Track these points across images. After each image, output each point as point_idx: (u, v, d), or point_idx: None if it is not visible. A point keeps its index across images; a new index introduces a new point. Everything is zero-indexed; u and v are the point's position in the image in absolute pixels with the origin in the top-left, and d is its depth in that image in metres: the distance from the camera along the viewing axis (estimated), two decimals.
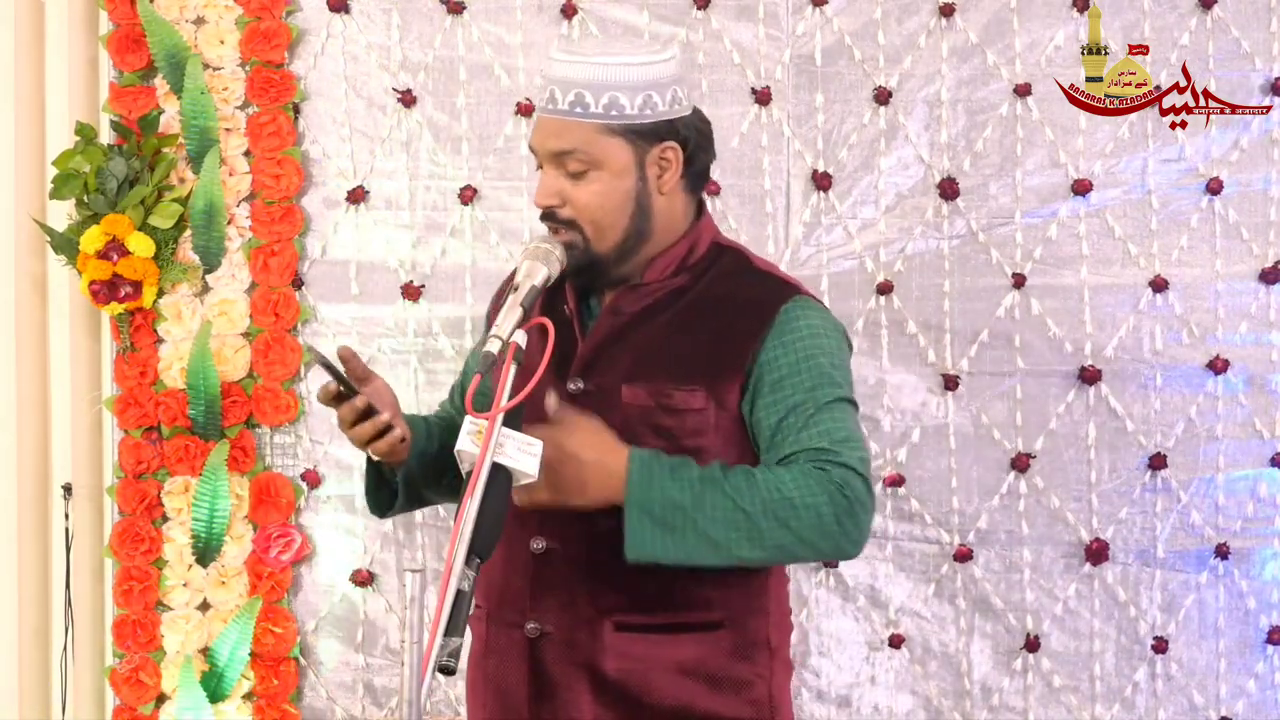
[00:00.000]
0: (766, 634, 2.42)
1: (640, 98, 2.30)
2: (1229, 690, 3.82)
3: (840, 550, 2.26)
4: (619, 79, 2.30)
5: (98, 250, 3.71)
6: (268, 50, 3.80)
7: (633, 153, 2.32)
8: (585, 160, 2.31)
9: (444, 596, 1.86)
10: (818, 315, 2.36)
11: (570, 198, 2.32)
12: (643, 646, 2.35)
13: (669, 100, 2.33)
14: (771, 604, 2.44)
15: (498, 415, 1.94)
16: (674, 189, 2.37)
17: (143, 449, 3.78)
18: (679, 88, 2.35)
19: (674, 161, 2.35)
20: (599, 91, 2.29)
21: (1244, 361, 3.82)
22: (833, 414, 2.28)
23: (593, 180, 2.32)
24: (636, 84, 2.30)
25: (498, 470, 1.95)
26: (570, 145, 2.31)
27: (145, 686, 3.78)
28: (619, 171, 2.32)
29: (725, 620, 2.38)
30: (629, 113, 2.30)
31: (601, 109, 2.30)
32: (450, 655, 1.85)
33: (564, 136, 2.31)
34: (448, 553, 1.88)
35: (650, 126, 2.32)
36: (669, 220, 2.38)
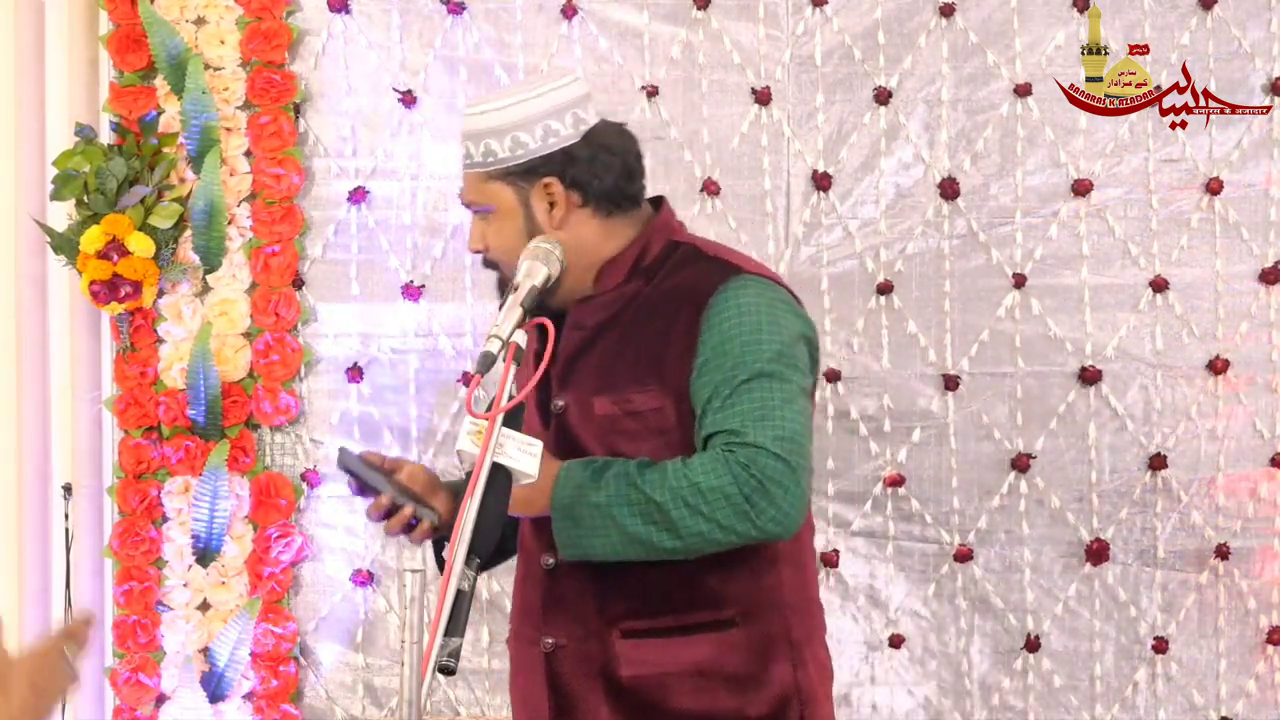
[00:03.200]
0: (787, 629, 2.40)
1: (508, 140, 2.37)
2: (1229, 690, 3.82)
3: (764, 530, 2.23)
4: (487, 125, 2.38)
5: (98, 250, 3.71)
6: (268, 50, 3.80)
7: (515, 194, 2.39)
8: (482, 205, 2.41)
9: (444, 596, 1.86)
10: (752, 292, 2.33)
11: (488, 241, 2.42)
12: (654, 651, 2.35)
13: (540, 135, 2.37)
14: (789, 598, 2.41)
15: (498, 415, 1.94)
16: (570, 220, 2.38)
17: (143, 449, 3.78)
18: (555, 119, 2.38)
19: (558, 194, 2.37)
20: (477, 140, 2.39)
21: (1244, 361, 3.82)
22: (750, 392, 2.25)
23: (493, 223, 2.41)
24: (503, 127, 2.37)
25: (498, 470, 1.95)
26: (468, 195, 2.44)
27: (145, 686, 3.78)
28: (508, 213, 2.39)
29: (737, 617, 2.37)
30: (501, 156, 2.37)
31: (480, 158, 2.40)
32: (450, 655, 1.85)
33: (465, 189, 2.45)
34: (448, 553, 1.88)
35: (523, 166, 2.37)
36: (577, 247, 2.39)
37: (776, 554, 2.38)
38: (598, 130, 2.41)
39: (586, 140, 2.38)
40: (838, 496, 3.81)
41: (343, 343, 3.85)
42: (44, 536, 3.86)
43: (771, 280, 2.39)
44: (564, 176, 2.37)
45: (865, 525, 3.81)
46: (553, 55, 3.83)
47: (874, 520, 3.81)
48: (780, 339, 2.29)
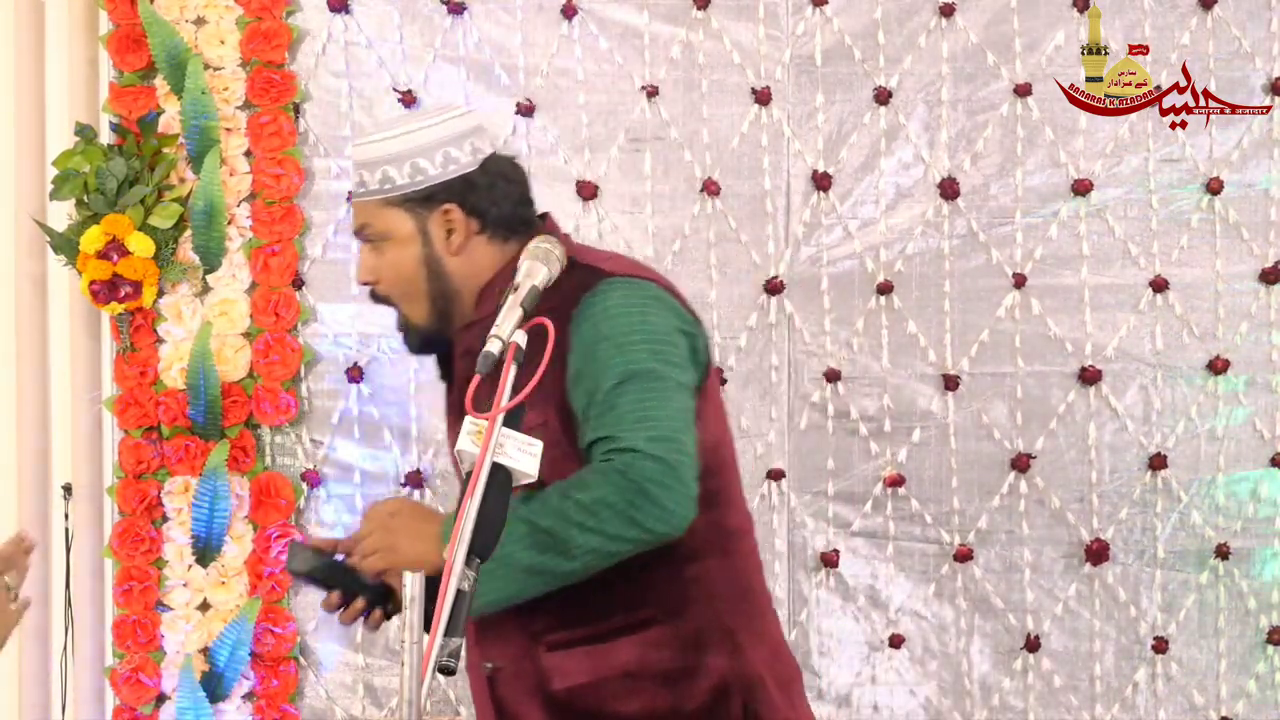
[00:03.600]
0: (718, 620, 2.38)
1: (408, 167, 2.38)
2: (1229, 690, 3.82)
3: (654, 532, 2.20)
4: (388, 152, 2.39)
5: (98, 250, 3.71)
6: (268, 50, 3.80)
7: (413, 221, 2.40)
8: (376, 233, 2.41)
9: (444, 596, 1.86)
10: (619, 294, 2.32)
11: (379, 273, 2.43)
12: (581, 660, 2.35)
13: (440, 162, 2.38)
14: (719, 589, 2.39)
15: (498, 415, 1.94)
16: (468, 246, 2.41)
17: (143, 449, 3.78)
18: (454, 147, 2.40)
19: (457, 220, 2.39)
20: (374, 168, 2.39)
21: (1244, 361, 3.82)
22: (623, 395, 2.24)
23: (387, 252, 2.42)
24: (402, 154, 2.38)
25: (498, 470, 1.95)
26: (361, 221, 2.42)
27: (145, 686, 3.78)
28: (404, 241, 2.40)
29: (657, 615, 2.36)
30: (400, 183, 2.38)
31: (377, 184, 2.39)
32: (450, 655, 1.85)
33: (358, 214, 2.44)
34: (448, 553, 1.88)
35: (423, 192, 2.38)
36: (473, 273, 2.42)
37: (696, 547, 2.35)
38: (493, 159, 2.44)
39: (484, 168, 2.41)
40: (838, 496, 3.81)
41: (343, 343, 3.85)
42: (44, 536, 3.86)
43: (644, 279, 2.38)
44: (464, 203, 2.39)
45: (865, 525, 3.81)
46: (553, 55, 3.83)
47: (874, 520, 3.81)
48: (650, 337, 2.28)
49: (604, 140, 3.84)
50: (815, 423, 3.81)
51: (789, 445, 3.81)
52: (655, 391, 2.25)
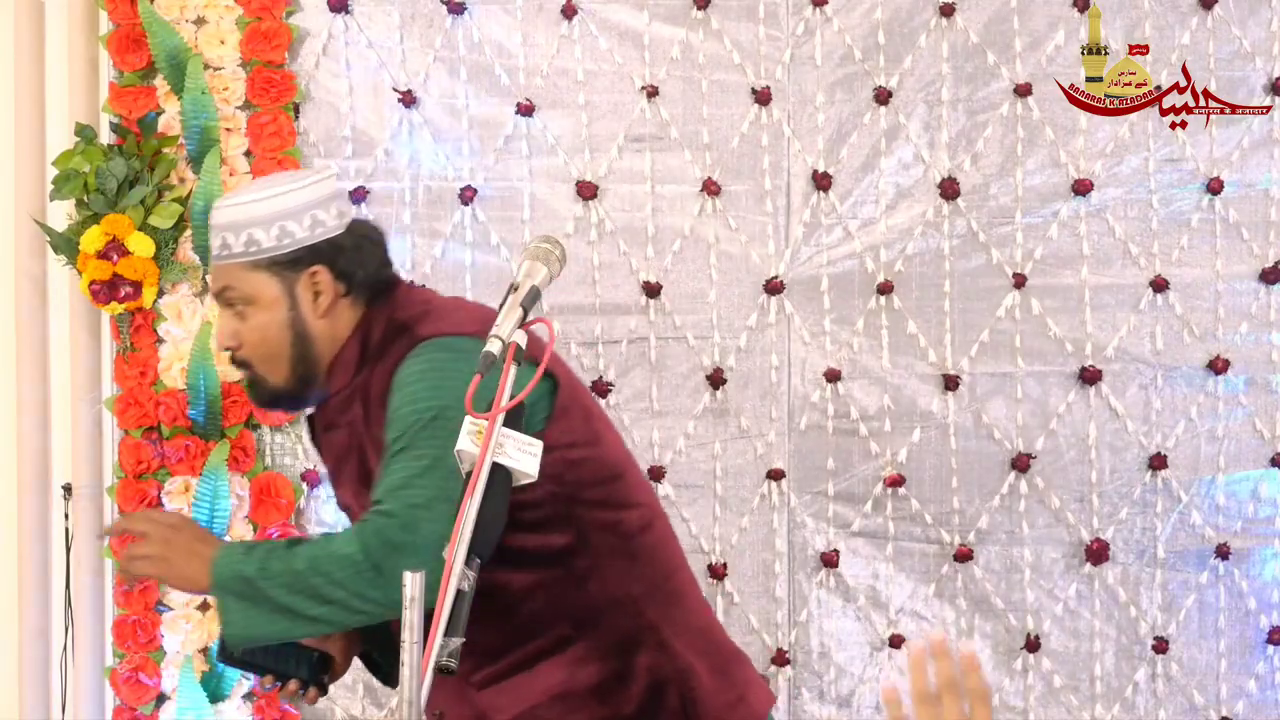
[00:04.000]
0: (637, 620, 2.38)
1: (275, 229, 2.38)
2: (1229, 690, 3.82)
3: (395, 598, 2.10)
4: (252, 215, 2.38)
5: (98, 250, 3.71)
6: (268, 50, 3.79)
7: (279, 283, 2.40)
8: (239, 297, 2.41)
9: (444, 596, 1.86)
10: (423, 359, 2.32)
11: (241, 336, 2.42)
12: (511, 693, 2.36)
13: (308, 225, 2.39)
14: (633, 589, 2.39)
15: (498, 415, 1.94)
16: (334, 309, 2.42)
17: (143, 449, 3.78)
18: (321, 210, 2.41)
19: (325, 283, 2.40)
20: (238, 231, 2.38)
21: (1244, 361, 3.82)
22: (396, 462, 2.26)
23: (251, 316, 2.41)
24: (269, 217, 2.38)
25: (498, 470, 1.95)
26: (223, 283, 2.41)
27: (145, 686, 3.78)
28: (270, 304, 2.40)
29: (574, 632, 2.37)
30: (266, 246, 2.38)
31: (242, 248, 2.39)
32: (450, 655, 1.85)
33: (219, 278, 2.43)
34: (448, 553, 1.88)
35: (290, 255, 2.38)
36: (335, 336, 2.43)
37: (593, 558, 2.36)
38: (357, 223, 2.47)
39: (350, 231, 2.44)
40: (838, 496, 3.81)
41: None
42: (44, 536, 3.86)
43: (459, 335, 2.34)
44: (332, 266, 2.40)
45: (865, 525, 3.81)
46: (553, 55, 3.83)
47: (874, 520, 3.81)
48: (437, 402, 2.27)
49: (604, 140, 3.84)
50: (815, 423, 3.81)
51: (789, 445, 3.81)
52: (423, 460, 2.24)
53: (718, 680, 2.41)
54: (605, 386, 3.79)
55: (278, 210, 2.38)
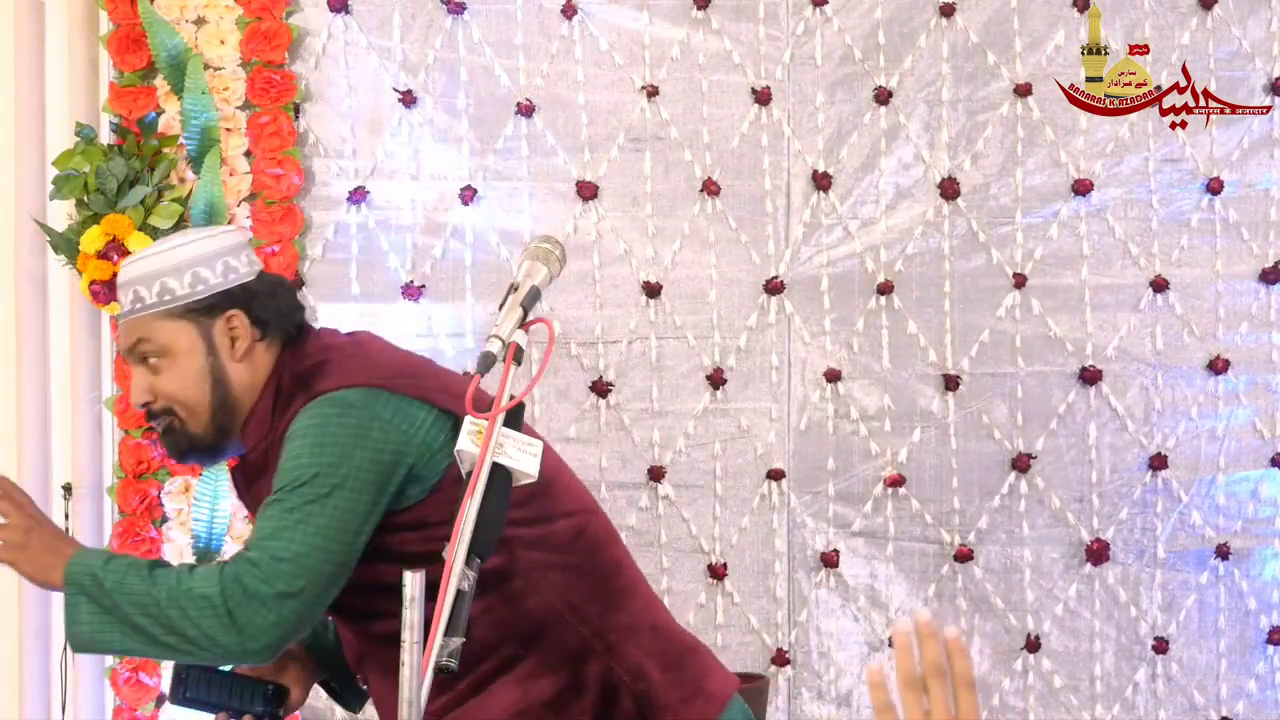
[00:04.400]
0: (582, 627, 2.37)
1: (188, 276, 2.38)
2: (1229, 690, 3.82)
3: (244, 646, 2.23)
4: (163, 265, 2.39)
5: (98, 250, 3.71)
6: (268, 50, 3.80)
7: (196, 330, 2.40)
8: (154, 349, 2.39)
9: (444, 596, 1.86)
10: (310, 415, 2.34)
11: (157, 390, 2.41)
12: (472, 716, 2.35)
13: (220, 271, 2.41)
14: (572, 598, 2.38)
15: (498, 415, 1.94)
16: (250, 352, 2.42)
17: (143, 449, 3.78)
18: (232, 257, 2.43)
19: (241, 327, 2.41)
20: (149, 283, 2.38)
21: (1244, 361, 3.83)
22: (267, 512, 2.28)
23: (166, 367, 2.40)
24: (181, 265, 2.38)
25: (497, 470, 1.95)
26: (136, 337, 2.39)
27: (145, 686, 3.77)
28: (187, 352, 2.40)
29: (519, 649, 2.37)
30: (180, 294, 2.38)
31: (155, 298, 2.38)
32: (450, 655, 1.85)
33: (131, 332, 2.41)
34: (448, 553, 1.88)
35: (205, 302, 2.39)
36: (252, 381, 2.43)
37: (525, 577, 2.35)
38: (266, 272, 2.50)
39: (260, 277, 2.46)
40: (838, 496, 3.81)
41: None
42: None
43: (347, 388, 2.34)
44: (248, 310, 2.41)
45: (865, 525, 3.81)
46: (553, 55, 3.83)
47: (874, 520, 3.81)
48: (320, 460, 2.28)
49: (604, 140, 3.84)
50: (815, 423, 3.81)
51: (789, 445, 3.81)
52: (296, 514, 2.26)
53: (670, 676, 2.40)
54: (605, 386, 3.79)
55: (190, 258, 2.39)
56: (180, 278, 2.39)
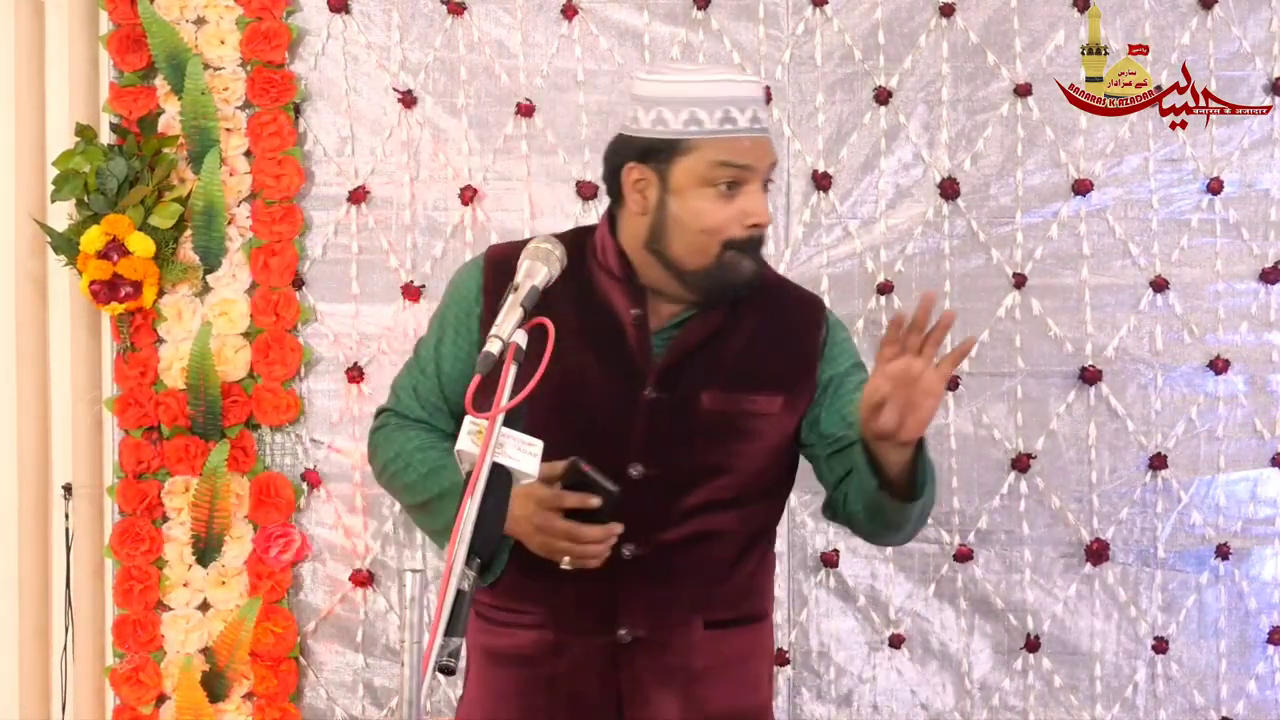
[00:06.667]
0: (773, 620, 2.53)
1: (759, 109, 2.36)
2: (1229, 690, 3.82)
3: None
4: (760, 93, 2.38)
5: (98, 250, 3.71)
6: (268, 50, 3.80)
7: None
8: (768, 172, 2.37)
9: (444, 596, 1.86)
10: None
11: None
12: (725, 642, 2.40)
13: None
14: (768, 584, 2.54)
15: (498, 415, 1.94)
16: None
17: (143, 449, 3.78)
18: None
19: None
20: (744, 106, 2.34)
21: (1244, 361, 3.83)
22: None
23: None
24: (759, 98, 2.37)
25: (498, 470, 1.95)
26: (771, 159, 2.37)
27: (145, 686, 3.78)
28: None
29: (765, 608, 2.49)
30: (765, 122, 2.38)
31: (766, 121, 2.37)
32: (450, 655, 1.85)
33: (769, 153, 2.36)
34: (448, 553, 1.88)
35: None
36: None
37: (769, 541, 2.51)
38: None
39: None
40: None
41: (343, 343, 3.85)
42: (44, 536, 3.86)
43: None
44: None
45: None
46: (553, 55, 3.83)
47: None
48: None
49: (604, 140, 3.81)
50: None
51: None
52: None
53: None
54: None
55: (759, 93, 2.39)
56: (762, 108, 2.37)
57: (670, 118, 2.30)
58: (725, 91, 2.31)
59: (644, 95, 2.35)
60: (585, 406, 2.33)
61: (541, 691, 2.39)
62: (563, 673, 2.38)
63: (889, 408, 2.14)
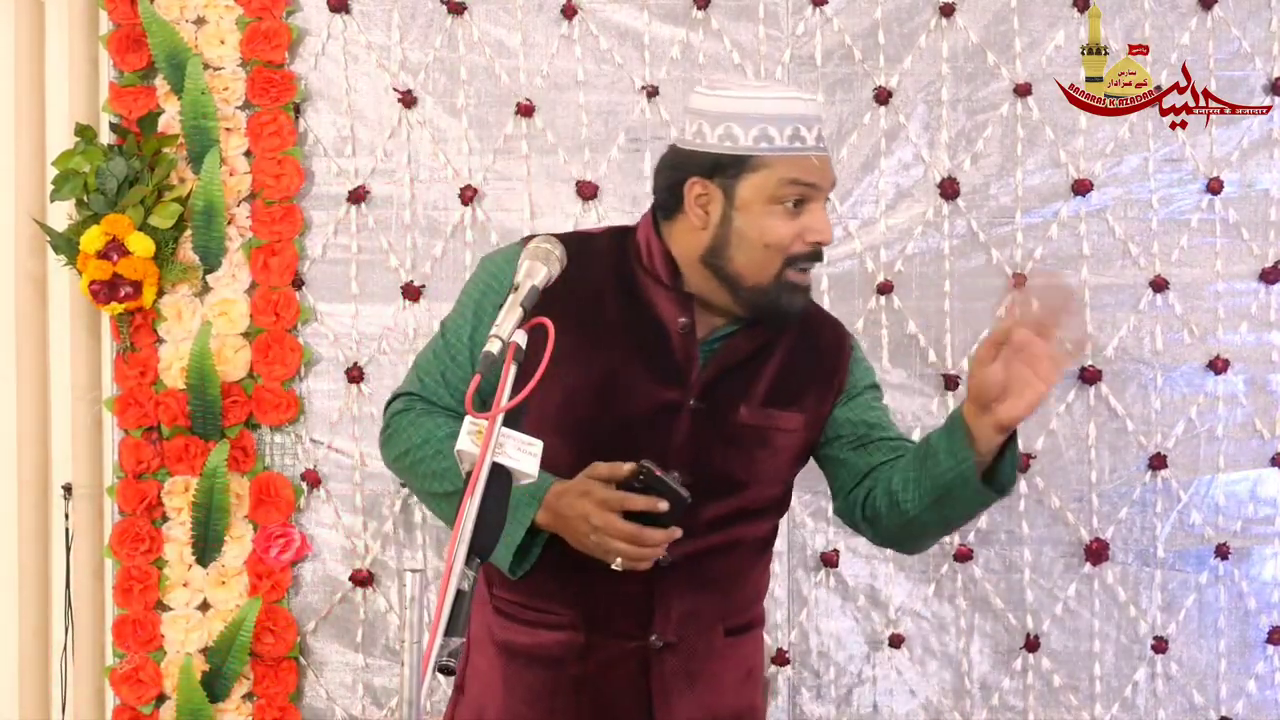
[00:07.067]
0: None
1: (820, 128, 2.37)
2: (1229, 690, 3.82)
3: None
4: (823, 112, 2.38)
5: (98, 250, 3.71)
6: (268, 50, 3.80)
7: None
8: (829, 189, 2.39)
9: (444, 596, 1.86)
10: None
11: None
12: (737, 647, 2.45)
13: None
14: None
15: (498, 415, 1.94)
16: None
17: (143, 449, 3.78)
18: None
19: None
20: (812, 124, 2.34)
21: (1244, 361, 3.82)
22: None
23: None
24: (817, 116, 2.37)
25: (498, 470, 1.95)
26: (832, 177, 2.38)
27: (145, 686, 3.78)
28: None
29: (762, 614, 2.54)
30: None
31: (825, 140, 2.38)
32: (450, 655, 1.85)
33: (831, 171, 2.37)
34: (448, 553, 1.88)
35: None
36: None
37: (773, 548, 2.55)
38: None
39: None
40: None
41: (343, 343, 3.85)
42: (44, 536, 3.86)
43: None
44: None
45: None
46: (553, 55, 3.83)
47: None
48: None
49: (604, 140, 3.84)
50: None
51: None
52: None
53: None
54: None
55: (816, 110, 2.38)
56: (816, 126, 2.36)
57: (740, 133, 2.30)
58: (794, 109, 2.31)
59: (708, 109, 2.34)
60: (626, 409, 2.33)
61: (569, 693, 2.39)
62: (591, 675, 2.38)
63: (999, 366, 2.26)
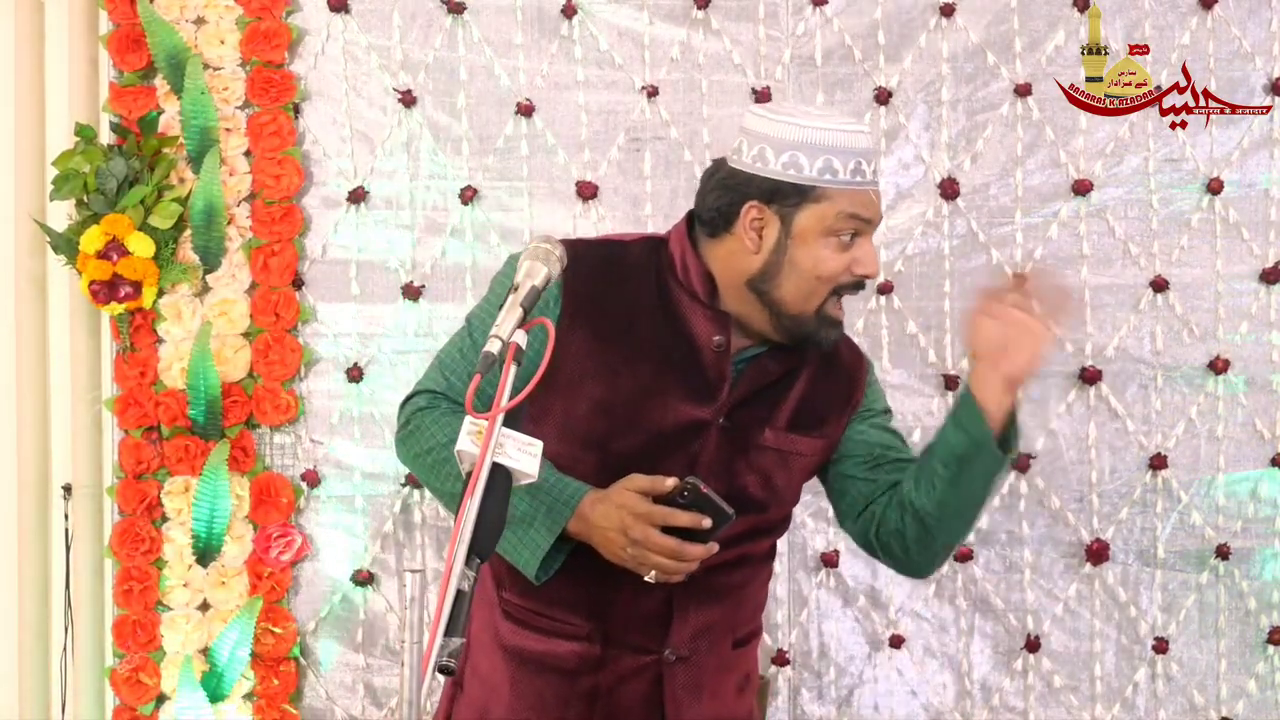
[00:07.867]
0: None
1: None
2: (1229, 690, 3.82)
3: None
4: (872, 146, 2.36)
5: (98, 250, 3.71)
6: (268, 50, 3.80)
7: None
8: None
9: (444, 596, 1.86)
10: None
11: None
12: (740, 659, 2.49)
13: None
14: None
15: (498, 415, 1.94)
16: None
17: (143, 449, 3.78)
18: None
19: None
20: (871, 159, 2.34)
21: (1244, 361, 3.83)
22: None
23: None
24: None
25: (498, 470, 1.95)
26: (879, 214, 2.38)
27: (145, 686, 3.78)
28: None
29: (761, 624, 2.57)
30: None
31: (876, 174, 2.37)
32: (450, 655, 1.85)
33: (875, 208, 2.35)
34: (448, 553, 1.88)
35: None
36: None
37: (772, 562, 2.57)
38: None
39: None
40: None
41: (343, 343, 3.85)
42: (44, 536, 3.86)
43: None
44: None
45: None
46: (553, 55, 3.83)
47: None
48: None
49: (604, 140, 3.84)
50: None
51: None
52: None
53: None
54: None
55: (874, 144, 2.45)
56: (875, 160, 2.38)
57: (806, 163, 2.28)
58: (858, 143, 2.31)
59: (770, 134, 2.30)
60: (653, 423, 2.33)
61: (583, 704, 2.39)
62: (605, 687, 2.39)
63: (996, 324, 2.27)
